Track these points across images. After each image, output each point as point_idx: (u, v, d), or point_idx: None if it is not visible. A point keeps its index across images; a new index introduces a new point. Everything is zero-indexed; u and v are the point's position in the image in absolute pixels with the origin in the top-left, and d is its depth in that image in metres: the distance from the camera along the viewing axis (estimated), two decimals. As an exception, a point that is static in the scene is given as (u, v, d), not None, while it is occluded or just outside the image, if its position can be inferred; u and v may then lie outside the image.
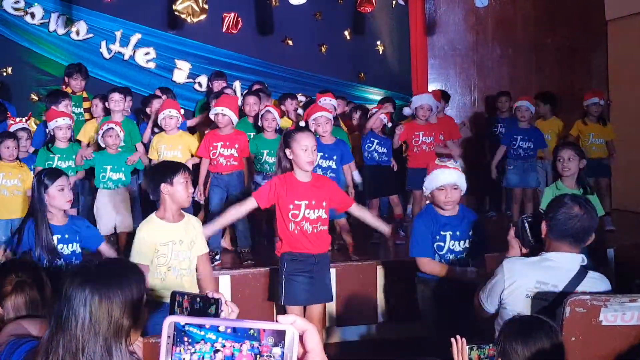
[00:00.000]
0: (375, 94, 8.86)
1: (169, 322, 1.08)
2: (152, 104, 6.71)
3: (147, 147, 6.44)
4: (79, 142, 6.60)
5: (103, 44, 8.15)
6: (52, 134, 6.00)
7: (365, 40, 9.04)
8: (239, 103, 6.56)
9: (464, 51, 9.40)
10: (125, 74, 8.18)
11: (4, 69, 7.84)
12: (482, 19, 9.38)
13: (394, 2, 9.12)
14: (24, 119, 6.32)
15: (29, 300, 2.62)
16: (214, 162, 5.83)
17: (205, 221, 6.25)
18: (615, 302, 2.86)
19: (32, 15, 7.91)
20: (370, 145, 6.64)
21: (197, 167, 5.95)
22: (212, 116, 5.88)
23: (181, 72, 8.38)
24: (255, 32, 8.55)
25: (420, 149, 6.78)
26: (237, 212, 4.44)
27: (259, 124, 6.30)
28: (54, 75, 7.89)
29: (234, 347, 1.06)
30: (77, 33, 8.06)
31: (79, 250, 4.22)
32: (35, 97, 7.83)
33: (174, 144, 5.98)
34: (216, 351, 1.06)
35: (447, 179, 4.09)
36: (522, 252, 3.33)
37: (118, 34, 8.17)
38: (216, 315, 2.01)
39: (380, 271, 5.74)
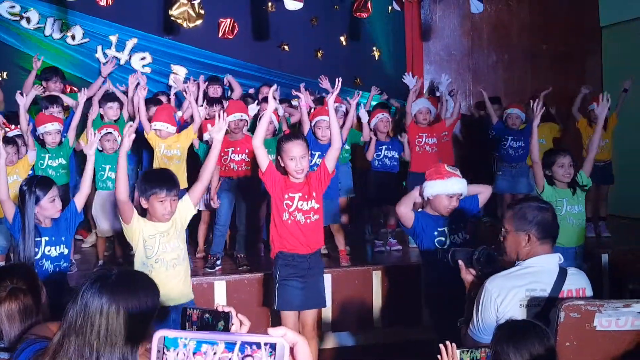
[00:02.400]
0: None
1: (158, 336, 1.07)
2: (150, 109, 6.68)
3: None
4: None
5: (99, 48, 8.14)
6: (41, 138, 5.99)
7: (361, 46, 9.06)
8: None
9: (460, 57, 9.42)
10: (121, 79, 8.17)
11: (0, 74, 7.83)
12: (478, 24, 9.41)
13: (389, 7, 9.15)
14: (19, 126, 6.29)
15: (22, 307, 2.60)
16: (225, 168, 5.84)
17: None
18: (609, 307, 2.86)
19: (28, 20, 7.90)
20: (379, 152, 6.62)
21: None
22: (232, 122, 5.76)
23: (177, 77, 8.37)
24: (251, 37, 8.56)
25: (424, 149, 6.84)
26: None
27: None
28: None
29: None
30: (73, 38, 8.05)
31: (66, 251, 4.27)
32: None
33: (172, 144, 6.00)
34: None
35: (459, 189, 4.22)
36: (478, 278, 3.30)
37: (114, 38, 8.17)
38: (226, 329, 1.99)
39: (375, 276, 5.74)
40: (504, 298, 2.97)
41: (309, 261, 4.35)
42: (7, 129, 6.14)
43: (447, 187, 4.20)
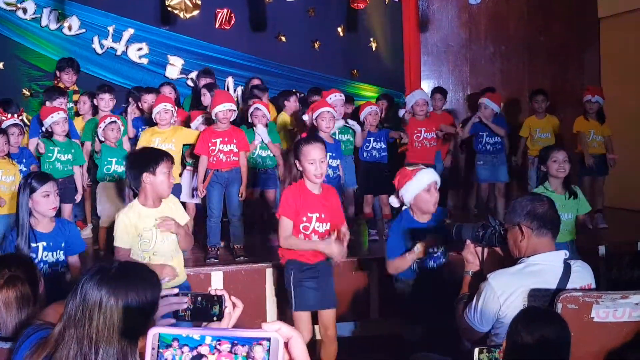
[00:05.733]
0: (368, 91, 8.85)
1: (153, 333, 1.06)
2: (146, 98, 6.68)
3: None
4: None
5: (95, 39, 8.12)
6: (50, 130, 5.95)
7: (359, 37, 9.04)
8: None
9: (457, 48, 9.41)
10: (117, 69, 8.15)
11: (-4, 64, 7.81)
12: (475, 16, 9.39)
13: (387, -2, 9.13)
14: (15, 115, 6.27)
15: (20, 295, 2.61)
16: (214, 159, 5.79)
17: (202, 220, 6.28)
18: (607, 298, 2.86)
19: (24, 11, 7.87)
20: (368, 144, 6.67)
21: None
22: (220, 113, 5.76)
23: (174, 67, 8.35)
24: (248, 28, 8.53)
25: (422, 144, 6.89)
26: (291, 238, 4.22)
27: (249, 120, 6.30)
28: (45, 70, 7.84)
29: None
30: (70, 28, 8.02)
31: (62, 257, 4.15)
32: (27, 93, 7.79)
33: (167, 137, 5.95)
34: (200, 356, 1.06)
35: (431, 178, 4.21)
36: (480, 262, 3.31)
37: (110, 29, 8.14)
38: (220, 312, 2.00)
39: (373, 268, 5.74)
40: (507, 297, 2.95)
41: (320, 265, 4.28)
42: (3, 118, 6.12)
43: (419, 183, 4.18)
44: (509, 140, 7.52)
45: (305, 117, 6.13)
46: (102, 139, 6.03)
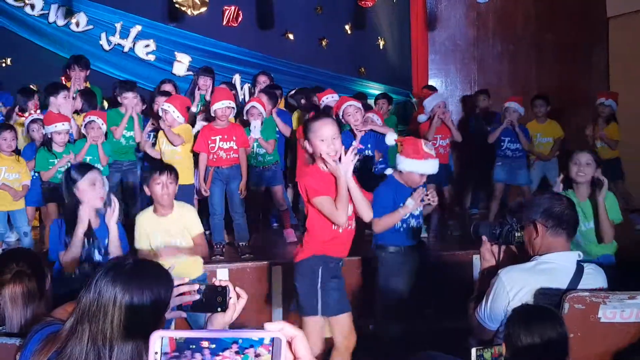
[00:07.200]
0: (375, 89, 8.83)
1: (155, 337, 1.05)
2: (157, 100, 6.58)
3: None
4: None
5: (103, 35, 8.12)
6: (49, 137, 5.77)
7: (366, 35, 9.02)
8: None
9: (465, 47, 9.39)
10: (124, 66, 8.15)
11: (3, 60, 7.81)
12: (483, 14, 9.37)
13: (395, -4, 9.11)
14: (38, 111, 6.19)
15: (26, 290, 2.61)
16: (214, 157, 5.78)
17: (204, 217, 6.28)
18: (614, 299, 2.85)
19: (32, 7, 7.87)
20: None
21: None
22: (219, 110, 5.74)
23: (181, 64, 8.35)
24: (255, 25, 8.52)
25: (437, 152, 6.71)
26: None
27: (244, 118, 6.25)
28: (53, 66, 7.85)
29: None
30: (77, 24, 8.02)
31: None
32: (34, 88, 7.79)
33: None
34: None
35: (431, 171, 4.43)
36: (495, 261, 3.28)
37: (118, 25, 8.14)
38: (225, 303, 2.00)
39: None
40: (516, 293, 2.90)
41: (342, 260, 3.96)
42: (21, 118, 6.11)
43: (422, 168, 4.39)
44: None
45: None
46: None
